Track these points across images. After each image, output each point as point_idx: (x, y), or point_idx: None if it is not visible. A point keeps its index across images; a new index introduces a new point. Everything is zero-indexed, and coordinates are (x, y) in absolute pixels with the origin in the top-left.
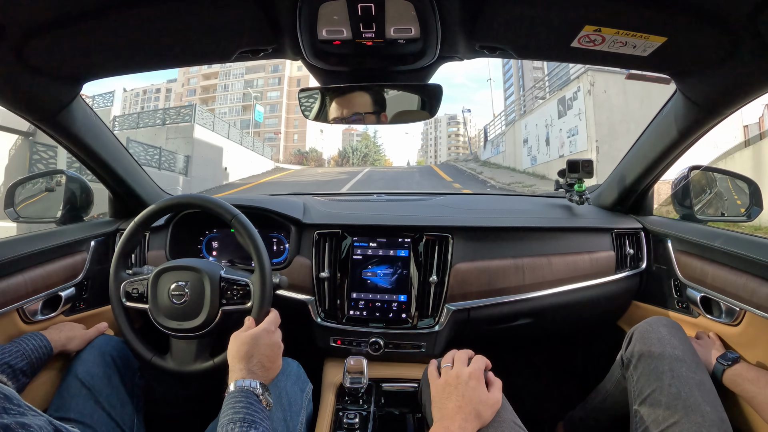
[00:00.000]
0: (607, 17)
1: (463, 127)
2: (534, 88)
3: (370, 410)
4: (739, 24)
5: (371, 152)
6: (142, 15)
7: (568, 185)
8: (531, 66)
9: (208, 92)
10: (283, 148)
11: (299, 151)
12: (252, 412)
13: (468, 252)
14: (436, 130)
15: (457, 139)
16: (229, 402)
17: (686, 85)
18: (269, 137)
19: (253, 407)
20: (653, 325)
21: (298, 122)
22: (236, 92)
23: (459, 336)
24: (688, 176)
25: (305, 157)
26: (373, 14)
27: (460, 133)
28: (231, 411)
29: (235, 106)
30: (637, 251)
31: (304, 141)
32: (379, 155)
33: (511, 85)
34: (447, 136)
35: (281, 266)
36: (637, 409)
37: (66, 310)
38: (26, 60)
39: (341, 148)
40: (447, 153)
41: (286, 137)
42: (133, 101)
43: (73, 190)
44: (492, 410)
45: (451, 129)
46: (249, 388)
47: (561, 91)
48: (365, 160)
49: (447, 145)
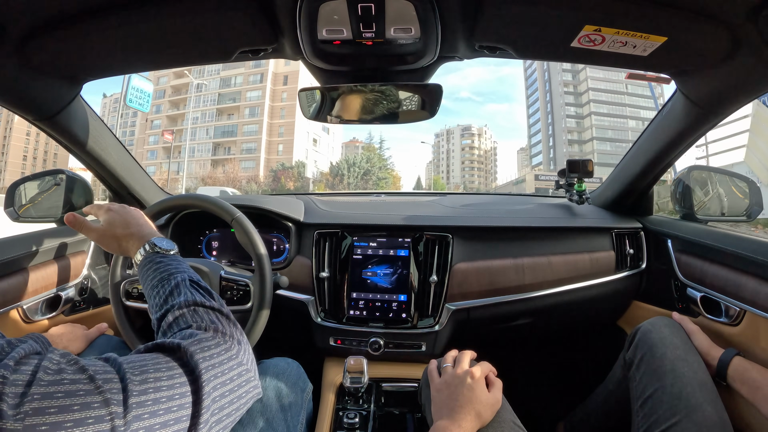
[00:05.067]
0: (607, 17)
1: (477, 139)
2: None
3: (370, 410)
4: (739, 23)
5: (375, 167)
6: (143, 15)
7: (568, 185)
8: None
9: (179, 93)
10: (264, 162)
11: (283, 166)
12: (163, 268)
13: (468, 252)
14: (448, 143)
15: (472, 153)
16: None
17: (686, 85)
18: (248, 148)
19: (163, 264)
20: (656, 326)
21: (283, 129)
22: (211, 92)
23: (459, 336)
24: (688, 176)
25: (282, 175)
26: (373, 14)
27: (474, 145)
28: (148, 282)
29: (209, 110)
30: (637, 251)
31: (290, 153)
32: (385, 171)
33: (537, 110)
34: (461, 149)
35: (281, 266)
36: (639, 409)
37: (66, 310)
38: (26, 60)
39: (334, 162)
40: (461, 168)
41: (269, 148)
42: (112, 107)
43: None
44: (492, 410)
45: (465, 141)
46: (147, 251)
47: None
48: (366, 179)
49: (461, 159)
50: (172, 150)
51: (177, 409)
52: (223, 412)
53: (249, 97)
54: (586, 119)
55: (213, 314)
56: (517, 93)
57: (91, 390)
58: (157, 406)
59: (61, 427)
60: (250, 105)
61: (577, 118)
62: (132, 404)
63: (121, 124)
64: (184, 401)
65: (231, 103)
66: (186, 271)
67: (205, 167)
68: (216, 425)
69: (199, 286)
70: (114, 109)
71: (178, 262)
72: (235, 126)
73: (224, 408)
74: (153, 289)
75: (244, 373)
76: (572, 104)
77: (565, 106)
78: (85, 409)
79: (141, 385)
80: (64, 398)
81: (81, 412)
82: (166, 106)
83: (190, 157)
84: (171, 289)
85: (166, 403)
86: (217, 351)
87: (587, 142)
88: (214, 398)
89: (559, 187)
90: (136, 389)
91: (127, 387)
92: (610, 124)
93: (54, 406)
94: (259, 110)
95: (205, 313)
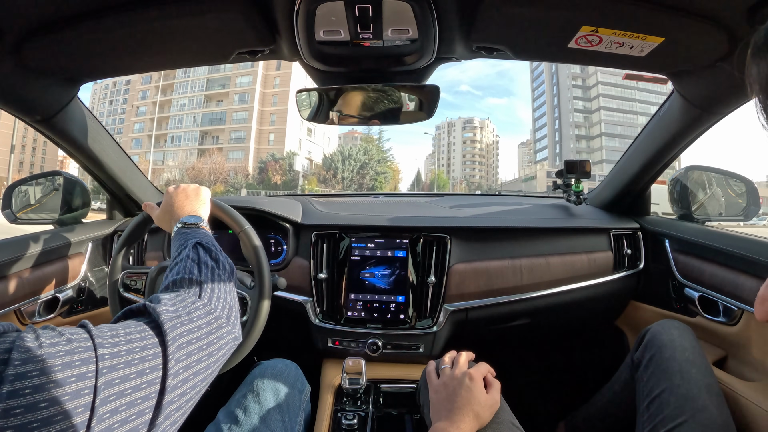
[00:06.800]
0: (604, 18)
1: (479, 132)
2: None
3: (368, 411)
4: (735, 24)
5: (373, 160)
6: (140, 16)
7: (565, 185)
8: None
9: (167, 79)
10: (254, 152)
11: (273, 157)
12: (182, 239)
13: (466, 252)
14: (449, 135)
15: (474, 146)
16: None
17: (683, 86)
18: (237, 137)
19: (185, 235)
20: (665, 328)
21: (275, 117)
22: (198, 78)
23: (457, 336)
24: (685, 176)
25: (270, 167)
26: (370, 15)
27: (476, 139)
28: (173, 255)
29: (196, 96)
30: (634, 251)
31: (282, 143)
32: (384, 165)
33: (543, 104)
34: (462, 141)
35: (279, 267)
36: (645, 409)
37: (64, 312)
38: (24, 61)
39: (328, 154)
40: (462, 161)
41: (259, 137)
42: (102, 94)
43: (71, 191)
44: (490, 411)
45: (467, 134)
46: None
47: None
48: (363, 173)
49: (462, 153)
50: (153, 139)
51: (150, 358)
52: (191, 358)
53: (239, 83)
54: (594, 114)
55: (194, 265)
56: (517, 87)
57: (70, 350)
58: (129, 368)
59: (43, 389)
60: (240, 91)
61: (585, 113)
62: (102, 369)
63: (110, 111)
64: (153, 351)
65: (220, 89)
66: (197, 237)
67: (192, 157)
68: (184, 371)
69: (202, 245)
70: (104, 96)
71: (196, 232)
72: (223, 113)
73: (192, 354)
74: (173, 260)
75: (213, 321)
76: (580, 98)
77: (573, 99)
78: (66, 368)
79: (112, 348)
80: (46, 359)
81: (62, 372)
82: (152, 91)
83: (176, 146)
84: (179, 251)
85: (138, 365)
86: (184, 301)
87: (595, 137)
88: (179, 345)
89: (557, 187)
90: (107, 352)
91: (98, 351)
92: (619, 120)
93: (36, 370)
94: (249, 96)
95: (191, 265)
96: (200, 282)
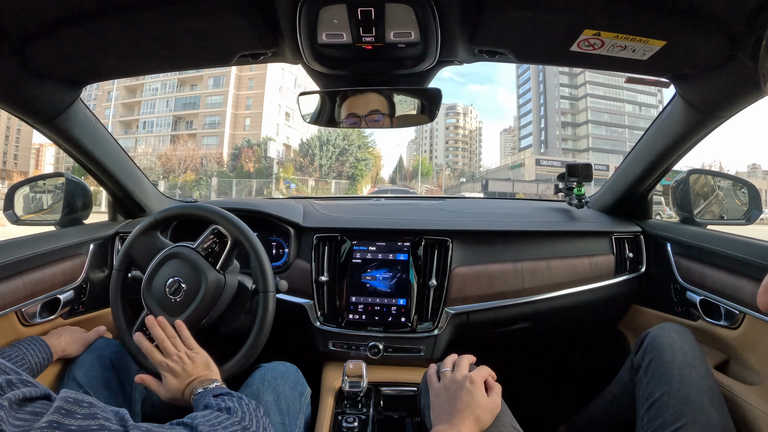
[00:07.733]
0: (606, 21)
1: (462, 118)
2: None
3: (369, 414)
4: (737, 27)
5: (353, 146)
6: (143, 18)
7: (567, 189)
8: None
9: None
10: (229, 138)
11: (248, 143)
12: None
13: (467, 256)
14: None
15: (456, 132)
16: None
17: (686, 89)
18: (211, 122)
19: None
20: (665, 331)
21: (251, 101)
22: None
23: (458, 340)
24: (687, 180)
25: (243, 154)
26: (372, 18)
27: (459, 125)
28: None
29: (170, 80)
30: (636, 255)
31: (258, 128)
32: (365, 151)
33: (528, 90)
34: (445, 128)
35: (280, 270)
36: (645, 413)
37: (65, 313)
38: (27, 63)
39: (305, 140)
40: (444, 148)
41: (234, 122)
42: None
43: (72, 192)
44: (491, 415)
45: (450, 120)
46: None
47: None
48: (342, 160)
49: (444, 139)
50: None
51: None
52: None
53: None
54: (581, 101)
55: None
56: (499, 75)
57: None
58: None
59: None
60: (214, 74)
61: (572, 100)
62: None
63: (84, 97)
64: None
65: (194, 72)
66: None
67: (165, 143)
68: None
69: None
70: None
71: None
72: (197, 97)
73: None
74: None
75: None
76: (567, 85)
77: (559, 86)
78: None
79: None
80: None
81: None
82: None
83: (148, 132)
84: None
85: None
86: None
87: (581, 125)
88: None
89: (558, 191)
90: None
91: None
92: (606, 107)
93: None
94: (224, 80)
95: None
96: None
